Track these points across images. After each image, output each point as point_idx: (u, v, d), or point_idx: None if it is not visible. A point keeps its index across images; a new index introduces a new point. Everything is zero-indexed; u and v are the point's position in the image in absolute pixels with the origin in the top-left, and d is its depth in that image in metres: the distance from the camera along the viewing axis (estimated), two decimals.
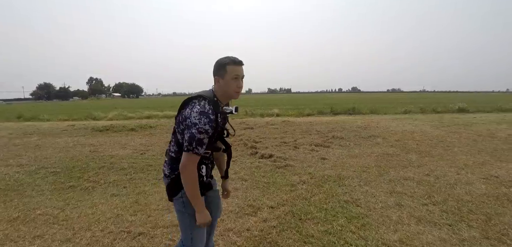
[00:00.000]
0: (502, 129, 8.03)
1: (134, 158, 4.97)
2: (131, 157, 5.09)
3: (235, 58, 1.35)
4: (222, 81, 1.35)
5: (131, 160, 4.82)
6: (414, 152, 5.16)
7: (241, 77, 1.37)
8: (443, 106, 15.27)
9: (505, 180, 3.64)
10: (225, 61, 1.34)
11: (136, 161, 4.78)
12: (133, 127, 8.93)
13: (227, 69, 1.33)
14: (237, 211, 2.78)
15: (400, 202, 2.94)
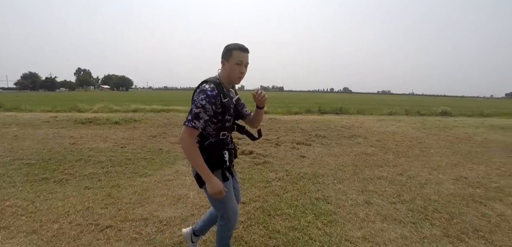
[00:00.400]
0: (479, 132, 8.32)
1: (114, 152, 4.90)
2: (111, 150, 5.02)
3: (241, 45, 1.45)
4: (227, 65, 1.46)
5: (110, 153, 4.75)
6: (392, 152, 5.29)
7: (245, 64, 1.47)
8: (427, 109, 15.64)
9: (473, 181, 3.78)
10: (231, 46, 1.45)
11: (115, 154, 4.72)
12: (117, 120, 8.79)
13: (233, 54, 1.44)
14: (209, 206, 2.78)
15: (369, 200, 3.02)
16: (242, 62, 1.45)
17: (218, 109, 1.43)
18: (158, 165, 4.17)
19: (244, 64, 1.46)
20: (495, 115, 15.53)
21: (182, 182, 3.44)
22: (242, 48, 1.45)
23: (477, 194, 3.31)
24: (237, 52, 1.43)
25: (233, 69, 1.45)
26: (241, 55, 1.44)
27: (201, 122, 1.38)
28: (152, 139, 6.16)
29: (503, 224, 2.61)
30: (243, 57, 1.44)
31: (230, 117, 1.54)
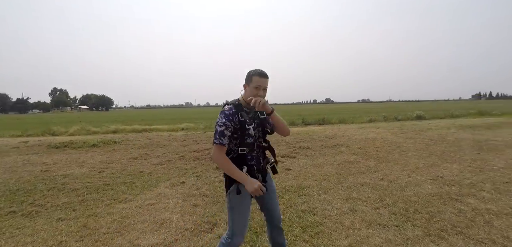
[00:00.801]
0: (451, 133, 8.80)
1: (91, 177, 4.67)
2: (87, 176, 4.77)
3: (261, 71, 1.63)
4: (248, 88, 1.64)
5: (86, 180, 4.52)
6: (373, 159, 5.44)
7: (263, 88, 1.62)
8: (404, 115, 16.38)
9: (448, 179, 3.96)
10: (252, 72, 1.63)
11: (92, 180, 4.49)
12: (95, 142, 8.41)
13: (253, 79, 1.62)
14: (193, 228, 2.70)
15: (354, 208, 3.06)
16: (260, 86, 1.61)
17: (236, 126, 1.61)
18: (139, 189, 4.01)
19: (262, 88, 1.62)
20: (463, 116, 16.56)
21: (165, 205, 3.32)
22: (261, 74, 1.62)
23: (452, 192, 3.46)
24: (256, 77, 1.61)
25: (252, 93, 1.61)
26: (259, 81, 1.61)
27: (226, 138, 1.58)
28: (133, 161, 5.94)
29: (478, 218, 2.73)
30: (261, 82, 1.61)
31: (251, 135, 1.66)
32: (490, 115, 16.85)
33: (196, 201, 3.44)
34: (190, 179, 4.42)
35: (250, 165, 1.67)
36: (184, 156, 6.23)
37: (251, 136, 1.66)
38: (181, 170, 5.00)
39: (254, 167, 1.69)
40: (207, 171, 4.85)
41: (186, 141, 8.77)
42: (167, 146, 7.86)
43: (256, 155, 1.72)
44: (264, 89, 1.63)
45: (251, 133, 1.66)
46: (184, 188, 3.98)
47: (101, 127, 14.26)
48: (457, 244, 2.29)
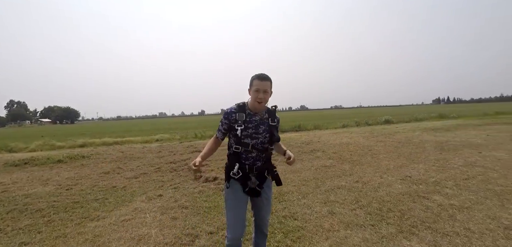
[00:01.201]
0: (416, 135, 9.46)
1: (57, 196, 4.33)
2: (53, 194, 4.42)
3: (260, 74, 1.75)
4: (250, 92, 1.78)
5: (52, 198, 4.18)
6: (348, 162, 5.68)
7: (262, 91, 1.72)
8: (373, 120, 17.31)
9: (416, 178, 4.25)
10: (253, 76, 1.77)
11: (59, 198, 4.17)
12: (60, 158, 7.81)
13: (253, 83, 1.75)
14: (174, 242, 2.62)
15: (332, 210, 3.17)
16: (259, 89, 1.71)
17: (232, 124, 1.77)
18: (113, 205, 3.81)
19: (262, 91, 1.72)
20: (426, 119, 17.89)
21: (142, 220, 3.18)
22: (260, 77, 1.73)
23: (420, 190, 3.71)
24: (255, 80, 1.73)
25: (253, 96, 1.75)
26: (258, 83, 1.72)
27: (220, 132, 1.84)
28: (105, 176, 5.62)
29: (443, 213, 2.96)
30: (259, 85, 1.72)
31: (237, 136, 1.75)
32: (448, 118, 18.39)
33: (175, 213, 3.34)
34: (168, 191, 4.29)
35: (242, 163, 1.77)
36: (160, 168, 6.03)
37: (247, 137, 1.75)
38: (158, 183, 4.83)
39: (246, 166, 1.76)
40: (185, 182, 4.74)
41: (161, 152, 8.49)
42: (142, 158, 7.55)
43: (254, 157, 1.79)
44: (264, 92, 1.72)
45: (237, 134, 1.74)
46: (161, 201, 3.85)
47: (66, 141, 13.33)
48: (426, 238, 2.46)
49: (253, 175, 1.79)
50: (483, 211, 2.95)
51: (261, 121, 1.81)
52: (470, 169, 4.63)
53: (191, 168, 1.65)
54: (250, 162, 1.78)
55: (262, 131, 1.79)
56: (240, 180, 1.78)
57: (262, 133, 1.79)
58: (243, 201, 1.80)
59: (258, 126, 1.79)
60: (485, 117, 17.65)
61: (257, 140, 1.77)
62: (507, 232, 2.49)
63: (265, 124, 1.81)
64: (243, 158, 1.77)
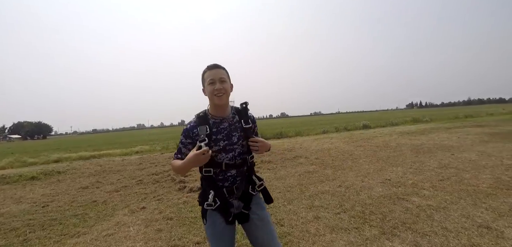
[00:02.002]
0: (393, 139, 9.90)
1: (32, 213, 4.08)
2: (28, 212, 4.16)
3: (209, 64, 1.43)
4: (206, 91, 1.44)
5: (27, 217, 3.94)
6: (330, 167, 5.83)
7: (218, 79, 1.39)
8: (352, 125, 17.89)
9: (395, 181, 4.45)
10: (202, 71, 1.44)
11: (35, 216, 3.94)
12: (34, 175, 7.36)
13: (204, 77, 1.43)
14: None
15: (318, 215, 3.24)
16: (213, 79, 1.38)
17: (194, 141, 1.43)
18: (94, 220, 3.65)
19: (218, 80, 1.39)
20: (401, 123, 18.76)
21: (125, 234, 3.08)
22: (209, 66, 1.43)
23: (399, 192, 3.89)
24: (206, 73, 1.42)
25: (209, 91, 1.40)
26: (210, 74, 1.40)
27: (180, 156, 1.44)
28: (83, 190, 5.37)
29: (422, 213, 3.12)
30: (211, 74, 1.39)
31: (221, 150, 1.41)
32: (422, 122, 19.40)
33: (160, 225, 3.26)
34: (151, 203, 4.18)
35: (218, 188, 1.41)
36: (142, 180, 5.86)
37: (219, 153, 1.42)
38: (140, 195, 4.69)
39: (224, 190, 1.42)
40: (169, 193, 4.64)
41: (142, 164, 8.25)
42: (122, 171, 7.30)
43: (234, 175, 1.44)
44: (221, 81, 1.39)
45: (222, 148, 1.42)
46: (145, 213, 3.74)
47: (39, 157, 12.55)
48: (408, 239, 2.58)
49: (235, 197, 1.45)
50: (458, 210, 3.15)
51: (232, 127, 1.45)
52: (445, 171, 4.91)
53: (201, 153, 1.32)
54: (229, 183, 1.43)
55: (236, 139, 1.44)
56: (219, 210, 1.42)
57: (237, 142, 1.44)
58: (227, 235, 1.42)
59: (230, 134, 1.44)
60: (456, 121, 18.82)
61: (234, 153, 1.43)
62: (481, 229, 2.67)
63: (238, 129, 1.46)
64: (219, 181, 1.42)
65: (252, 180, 1.50)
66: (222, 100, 1.39)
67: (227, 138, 1.43)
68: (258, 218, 1.47)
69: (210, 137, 1.40)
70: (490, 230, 2.62)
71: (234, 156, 1.44)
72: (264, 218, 1.49)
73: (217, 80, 1.38)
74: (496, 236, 2.52)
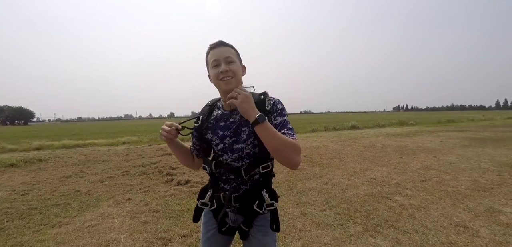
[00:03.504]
0: (379, 140, 10.14)
1: (11, 202, 3.94)
2: (6, 200, 4.01)
3: (212, 43, 1.15)
4: (212, 78, 1.16)
5: (5, 205, 3.79)
6: (318, 165, 5.92)
7: (224, 59, 1.11)
8: (341, 125, 18.17)
9: (380, 180, 4.57)
10: (206, 52, 1.18)
11: (14, 204, 3.80)
12: (13, 161, 7.07)
13: (208, 60, 1.16)
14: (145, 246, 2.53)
15: (304, 211, 3.29)
16: (218, 60, 1.11)
17: (203, 132, 1.23)
18: (76, 210, 3.56)
19: (222, 61, 1.11)
20: (388, 125, 19.24)
21: (109, 225, 3.02)
22: (211, 45, 1.15)
23: (384, 191, 4.00)
24: (209, 54, 1.16)
25: (213, 76, 1.14)
26: (213, 54, 1.13)
27: (193, 148, 1.28)
28: (66, 180, 5.22)
29: (404, 212, 3.22)
30: (215, 54, 1.12)
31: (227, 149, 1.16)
32: (407, 124, 19.97)
33: (145, 217, 3.22)
34: (137, 195, 4.11)
35: (218, 189, 1.21)
36: (128, 171, 5.75)
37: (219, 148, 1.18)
38: (126, 186, 4.61)
39: (220, 195, 1.18)
40: (156, 186, 4.58)
41: (129, 155, 8.09)
42: (107, 161, 7.13)
43: (236, 181, 1.18)
44: (228, 62, 1.11)
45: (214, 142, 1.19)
46: (131, 205, 3.68)
47: (19, 143, 12.07)
48: (390, 236, 2.66)
49: (232, 208, 1.21)
50: (438, 210, 3.27)
51: (243, 120, 1.15)
52: (427, 172, 5.08)
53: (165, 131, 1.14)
54: (231, 188, 1.18)
55: (245, 136, 1.14)
56: (214, 213, 1.24)
57: (246, 140, 1.14)
58: (218, 243, 1.26)
59: (239, 129, 1.15)
60: (439, 125, 19.48)
61: (240, 153, 1.15)
62: (458, 228, 2.79)
63: (249, 125, 1.14)
64: (222, 181, 1.21)
65: (261, 195, 1.16)
66: (229, 85, 1.10)
67: (234, 134, 1.16)
68: (259, 243, 1.19)
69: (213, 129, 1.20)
70: (467, 229, 2.75)
71: (241, 157, 1.15)
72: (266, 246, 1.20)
73: (222, 61, 1.11)
74: (472, 234, 2.64)
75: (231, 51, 1.14)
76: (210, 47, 1.14)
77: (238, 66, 1.14)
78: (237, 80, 1.12)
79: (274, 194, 1.19)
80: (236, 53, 1.16)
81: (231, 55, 1.12)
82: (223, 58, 1.10)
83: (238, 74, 1.13)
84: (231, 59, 1.11)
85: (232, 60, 1.11)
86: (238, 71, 1.13)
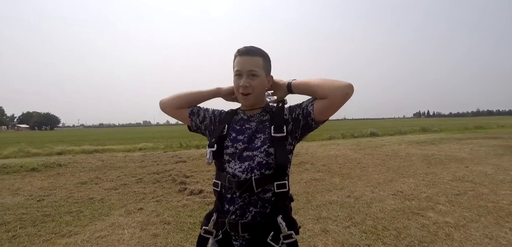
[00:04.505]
0: (402, 148, 9.57)
1: (26, 207, 3.94)
2: (22, 206, 4.02)
3: (242, 48, 1.02)
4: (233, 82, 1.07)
5: (20, 211, 3.79)
6: (338, 175, 5.57)
7: (247, 72, 0.99)
8: (359, 132, 17.52)
9: (407, 193, 4.18)
10: (235, 54, 1.05)
11: (29, 211, 3.79)
12: (35, 166, 7.27)
13: (234, 64, 1.05)
14: None
15: (326, 228, 3.00)
16: (240, 71, 1.00)
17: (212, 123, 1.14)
18: (88, 219, 3.47)
19: (246, 73, 0.99)
20: (409, 132, 18.34)
21: (119, 237, 2.89)
22: (240, 51, 1.01)
23: (413, 206, 3.63)
24: (236, 60, 1.03)
25: (234, 85, 1.05)
26: (238, 62, 1.01)
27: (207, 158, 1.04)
28: (82, 186, 5.22)
29: (440, 231, 2.86)
30: (240, 63, 1.00)
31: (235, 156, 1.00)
32: (431, 131, 18.95)
33: (156, 230, 3.06)
34: (149, 204, 3.99)
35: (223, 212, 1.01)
36: (142, 179, 5.69)
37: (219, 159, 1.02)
38: (139, 195, 4.51)
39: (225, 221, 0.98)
40: (169, 195, 4.45)
41: (144, 161, 8.10)
42: (123, 168, 7.15)
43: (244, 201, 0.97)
44: (251, 75, 0.99)
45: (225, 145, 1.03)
46: (142, 215, 3.55)
47: (43, 148, 12.54)
48: None
49: (239, 239, 0.98)
50: (480, 229, 2.88)
51: (259, 126, 1.04)
52: (460, 184, 4.62)
53: None
54: (236, 210, 0.97)
55: (260, 142, 0.99)
56: (220, 245, 1.02)
57: (258, 148, 0.98)
58: None
59: (253, 135, 1.02)
60: (466, 131, 18.32)
61: (251, 162, 0.97)
62: None
63: (266, 131, 1.02)
64: (226, 201, 1.00)
65: (276, 223, 0.95)
66: (247, 101, 1.04)
67: (248, 141, 1.01)
68: None
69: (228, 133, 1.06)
70: None
71: (250, 167, 0.96)
72: None
73: (245, 73, 0.99)
74: None
75: (258, 62, 1.02)
76: (238, 53, 1.03)
77: (261, 81, 1.03)
78: (255, 96, 1.04)
79: (294, 223, 0.99)
80: (263, 64, 1.04)
81: (255, 68, 1.01)
82: (246, 71, 1.00)
83: (258, 89, 1.03)
84: (255, 72, 1.00)
85: (255, 73, 1.01)
86: (259, 87, 1.03)
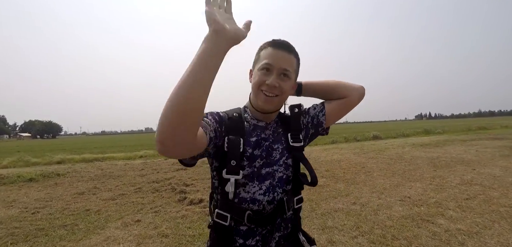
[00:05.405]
0: (406, 151, 9.39)
1: (20, 221, 3.80)
2: (16, 219, 3.88)
3: (277, 40, 0.84)
4: (253, 75, 0.87)
5: (13, 224, 3.65)
6: (342, 181, 5.41)
7: (278, 70, 0.81)
8: (361, 135, 17.35)
9: (415, 199, 4.01)
10: (262, 46, 0.87)
11: (22, 224, 3.65)
12: (33, 176, 7.13)
13: (260, 55, 0.85)
14: None
15: (332, 239, 2.85)
16: (272, 66, 0.81)
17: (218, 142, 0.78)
18: (83, 232, 3.33)
19: (276, 71, 0.81)
20: (413, 135, 18.13)
21: None
22: (275, 42, 0.83)
23: (422, 212, 3.47)
24: (263, 51, 0.85)
25: (256, 81, 0.83)
26: (271, 55, 0.82)
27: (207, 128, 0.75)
28: (79, 197, 5.08)
29: (452, 240, 2.70)
30: (273, 58, 0.81)
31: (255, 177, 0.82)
32: (434, 133, 18.73)
33: (153, 243, 2.92)
34: (147, 216, 3.84)
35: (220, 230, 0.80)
36: (141, 188, 5.55)
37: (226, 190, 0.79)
38: (137, 205, 4.36)
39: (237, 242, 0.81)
40: (168, 205, 4.30)
41: (144, 170, 7.96)
42: (122, 176, 7.01)
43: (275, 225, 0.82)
44: (282, 75, 0.82)
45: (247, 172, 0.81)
46: (139, 227, 3.41)
47: (43, 157, 12.43)
48: None
49: None
50: (494, 236, 2.72)
51: (276, 136, 0.90)
52: (469, 188, 4.46)
53: None
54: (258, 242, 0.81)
55: (278, 156, 0.87)
56: None
57: (277, 161, 0.86)
58: None
59: (271, 147, 0.87)
60: (470, 132, 18.10)
61: (272, 180, 0.83)
62: None
63: (281, 141, 0.89)
64: (240, 236, 0.81)
65: (299, 241, 0.88)
66: (269, 104, 0.84)
67: (267, 155, 0.85)
68: None
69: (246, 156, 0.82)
70: None
71: (272, 186, 0.82)
72: None
73: (276, 70, 0.81)
74: None
75: (293, 63, 0.86)
76: (271, 44, 0.84)
77: (290, 85, 0.87)
78: (280, 102, 0.87)
79: (309, 237, 0.91)
80: (296, 67, 0.88)
81: (290, 69, 0.84)
82: (278, 68, 0.82)
83: (285, 95, 0.86)
84: (288, 74, 0.84)
85: (288, 75, 0.84)
86: (287, 92, 0.86)
